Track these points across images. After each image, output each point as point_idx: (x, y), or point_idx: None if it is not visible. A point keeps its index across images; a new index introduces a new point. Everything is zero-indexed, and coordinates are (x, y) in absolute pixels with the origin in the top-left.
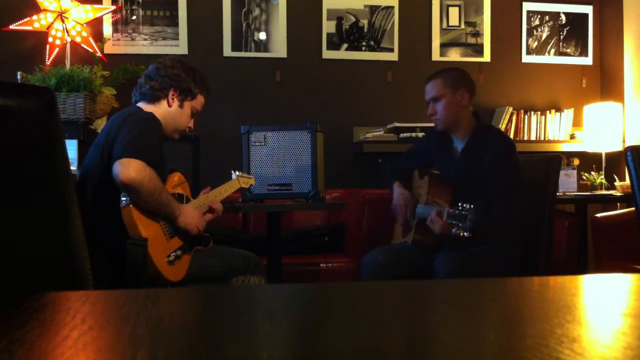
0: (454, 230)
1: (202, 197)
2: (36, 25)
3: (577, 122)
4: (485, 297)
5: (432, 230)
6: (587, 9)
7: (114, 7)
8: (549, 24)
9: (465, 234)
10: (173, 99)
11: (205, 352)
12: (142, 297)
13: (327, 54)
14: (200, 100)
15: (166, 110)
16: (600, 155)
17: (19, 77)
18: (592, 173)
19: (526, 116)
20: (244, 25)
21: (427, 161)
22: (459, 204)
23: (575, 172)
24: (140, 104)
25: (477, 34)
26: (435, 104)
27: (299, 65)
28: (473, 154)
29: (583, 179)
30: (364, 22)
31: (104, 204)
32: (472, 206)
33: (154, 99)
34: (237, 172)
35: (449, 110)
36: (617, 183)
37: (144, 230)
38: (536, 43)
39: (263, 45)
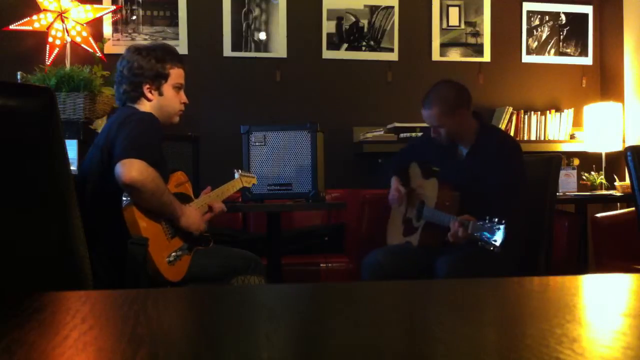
0: (480, 243)
1: (204, 196)
2: (36, 25)
3: (577, 122)
4: (485, 297)
5: (439, 233)
6: (587, 9)
7: (114, 7)
8: (549, 24)
9: (495, 249)
10: (150, 92)
11: (205, 352)
12: (142, 297)
13: (327, 54)
14: (175, 74)
15: (151, 105)
16: (600, 155)
17: (19, 77)
18: (592, 173)
19: (526, 116)
20: (244, 25)
21: (426, 160)
22: (487, 218)
23: (575, 172)
24: (130, 105)
25: (477, 34)
26: (436, 128)
27: (299, 65)
28: (478, 156)
29: (583, 179)
30: (364, 22)
31: (104, 204)
32: (504, 222)
33: (133, 100)
34: (240, 171)
35: (452, 130)
36: (617, 183)
37: (145, 230)
38: (536, 43)
39: (263, 45)
